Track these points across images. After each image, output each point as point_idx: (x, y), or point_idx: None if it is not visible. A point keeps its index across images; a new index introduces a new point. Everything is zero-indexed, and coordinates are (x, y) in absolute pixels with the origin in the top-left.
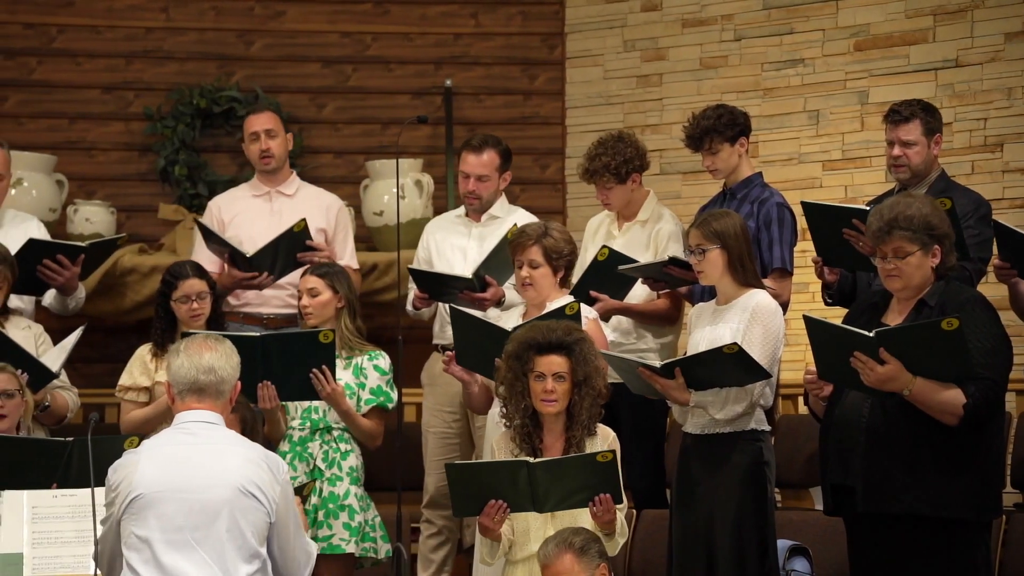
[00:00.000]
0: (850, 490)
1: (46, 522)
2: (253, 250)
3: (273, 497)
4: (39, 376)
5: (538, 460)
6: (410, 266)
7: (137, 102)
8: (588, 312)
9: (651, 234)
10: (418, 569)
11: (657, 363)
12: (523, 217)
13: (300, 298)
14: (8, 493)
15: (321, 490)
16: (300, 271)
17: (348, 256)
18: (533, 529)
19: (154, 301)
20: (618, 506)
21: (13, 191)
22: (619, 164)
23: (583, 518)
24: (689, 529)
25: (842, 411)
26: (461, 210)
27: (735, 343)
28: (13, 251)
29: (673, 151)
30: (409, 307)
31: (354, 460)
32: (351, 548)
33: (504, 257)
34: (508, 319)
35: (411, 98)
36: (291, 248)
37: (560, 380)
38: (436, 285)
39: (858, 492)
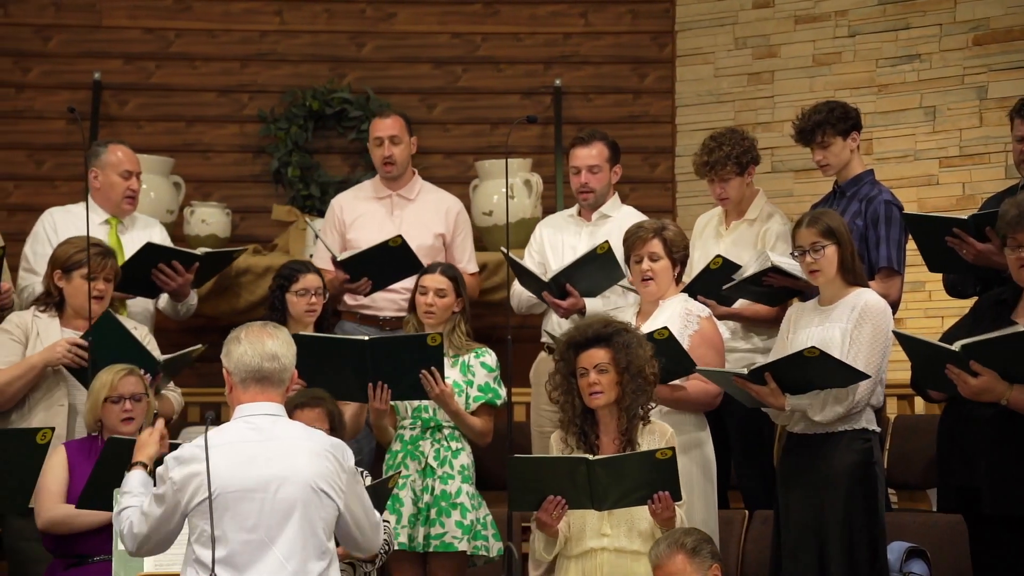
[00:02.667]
0: (975, 491)
1: None
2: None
3: (340, 488)
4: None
5: (597, 457)
6: (502, 248)
7: (251, 104)
8: (702, 311)
9: (759, 233)
10: (529, 568)
11: (759, 365)
12: (633, 216)
13: (423, 295)
14: None
15: (433, 488)
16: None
17: (467, 260)
18: (589, 526)
19: (267, 302)
20: (677, 503)
21: None
22: (740, 154)
23: (642, 516)
24: (801, 528)
25: (966, 410)
26: (573, 209)
27: (815, 347)
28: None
29: (785, 149)
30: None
31: (465, 458)
32: (463, 546)
33: (592, 269)
34: (622, 316)
35: (521, 98)
36: (387, 261)
37: (603, 372)
38: (522, 276)
39: (984, 493)
